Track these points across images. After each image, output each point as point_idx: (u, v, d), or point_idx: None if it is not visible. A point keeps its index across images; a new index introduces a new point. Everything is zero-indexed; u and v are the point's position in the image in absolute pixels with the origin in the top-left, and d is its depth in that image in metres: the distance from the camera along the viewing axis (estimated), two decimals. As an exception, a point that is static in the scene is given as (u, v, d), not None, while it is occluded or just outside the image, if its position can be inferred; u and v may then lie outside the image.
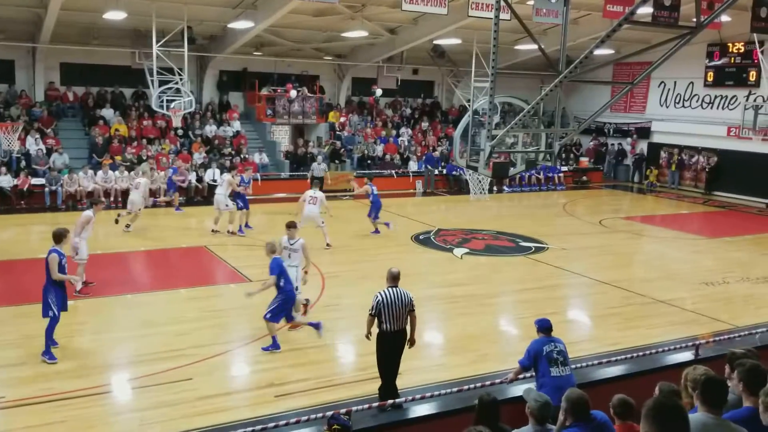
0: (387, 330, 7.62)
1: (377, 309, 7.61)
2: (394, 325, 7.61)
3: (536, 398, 5.53)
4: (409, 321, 7.80)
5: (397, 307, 7.60)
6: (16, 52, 23.49)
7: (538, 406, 5.42)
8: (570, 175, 29.13)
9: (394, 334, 7.63)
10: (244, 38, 23.06)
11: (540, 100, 9.89)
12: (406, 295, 7.72)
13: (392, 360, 7.75)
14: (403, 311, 7.65)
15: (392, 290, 7.69)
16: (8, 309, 11.06)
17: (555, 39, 19.30)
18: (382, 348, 7.72)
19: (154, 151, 23.07)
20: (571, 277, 14.25)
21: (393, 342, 7.68)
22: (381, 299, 7.59)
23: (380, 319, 7.62)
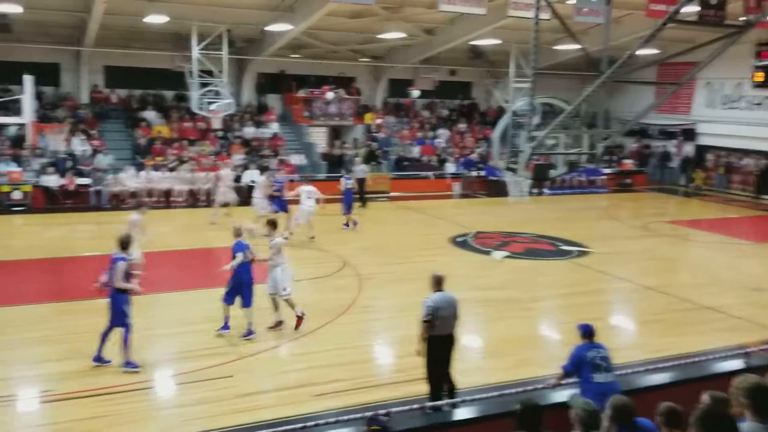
0: (438, 334, 7.52)
1: (431, 315, 7.49)
2: (445, 329, 7.52)
3: (584, 406, 5.39)
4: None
5: (448, 310, 7.51)
6: (61, 55, 24.06)
7: (587, 415, 5.29)
8: (613, 178, 28.66)
9: (446, 338, 7.55)
10: (281, 41, 23.25)
11: (582, 101, 9.75)
12: (453, 298, 7.63)
13: (443, 364, 7.66)
14: (453, 314, 7.56)
15: (440, 294, 7.61)
16: (53, 305, 11.31)
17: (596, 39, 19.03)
18: (434, 353, 7.61)
19: (194, 152, 23.38)
20: (614, 282, 14.01)
21: (444, 346, 7.59)
22: (432, 304, 7.51)
23: (433, 324, 7.52)
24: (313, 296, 12.08)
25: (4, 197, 19.67)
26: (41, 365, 8.82)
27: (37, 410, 7.83)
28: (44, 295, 11.89)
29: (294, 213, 16.55)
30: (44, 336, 9.84)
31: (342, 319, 10.95)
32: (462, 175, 26.33)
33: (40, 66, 22.45)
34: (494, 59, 28.19)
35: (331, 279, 13.35)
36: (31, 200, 19.93)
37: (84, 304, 11.34)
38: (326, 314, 11.01)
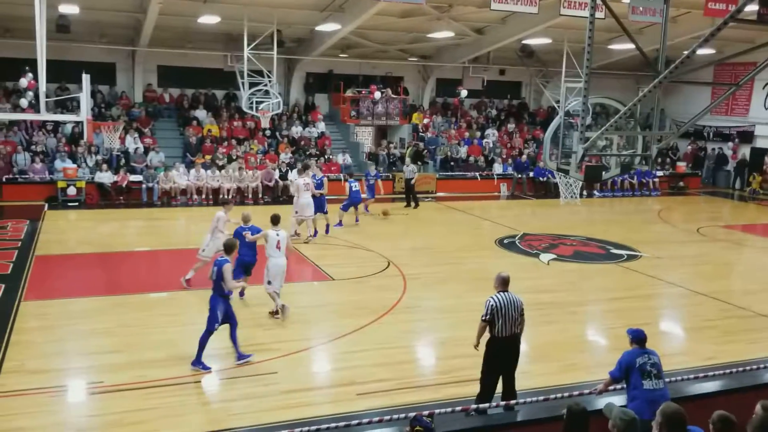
0: (499, 336, 7.43)
1: (491, 314, 7.42)
2: (507, 330, 7.42)
3: (621, 416, 5.27)
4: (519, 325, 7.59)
5: (510, 311, 7.41)
6: (117, 55, 24.71)
7: (625, 425, 5.16)
8: (666, 181, 27.99)
9: (507, 339, 7.45)
10: (330, 41, 23.38)
11: (638, 102, 9.51)
12: (517, 299, 7.52)
13: (503, 366, 7.55)
14: (515, 316, 7.45)
15: (504, 295, 7.50)
16: (107, 299, 11.59)
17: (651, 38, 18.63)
18: (492, 354, 7.51)
19: (242, 151, 23.71)
20: (666, 287, 13.66)
21: (505, 348, 7.48)
22: (494, 304, 7.40)
23: (492, 324, 7.45)
24: (358, 295, 12.11)
25: (60, 193, 20.28)
26: (93, 357, 9.04)
27: (87, 401, 8.02)
28: (97, 289, 12.20)
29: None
30: (96, 329, 10.09)
31: (386, 318, 10.94)
32: (510, 175, 26.08)
33: (97, 65, 23.11)
34: (545, 58, 27.82)
35: (376, 278, 13.35)
36: (85, 196, 20.51)
37: (136, 299, 11.64)
38: (370, 313, 11.01)
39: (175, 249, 15.33)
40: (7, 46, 21.99)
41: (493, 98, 31.09)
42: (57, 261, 14.00)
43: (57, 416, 7.43)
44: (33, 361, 8.77)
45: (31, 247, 14.75)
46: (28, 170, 20.87)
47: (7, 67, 22.55)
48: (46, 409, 7.53)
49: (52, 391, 7.98)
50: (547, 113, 30.27)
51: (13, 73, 21.42)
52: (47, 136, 22.35)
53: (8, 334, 9.63)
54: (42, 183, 20.62)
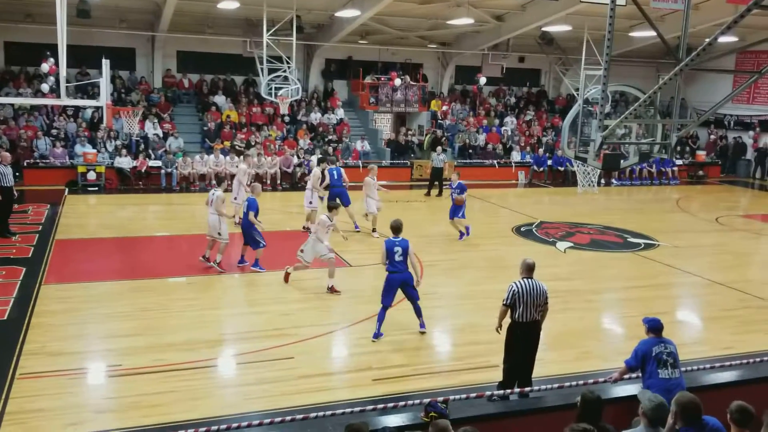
0: (520, 321, 7.45)
1: (512, 299, 7.43)
2: (528, 316, 7.43)
3: (651, 398, 5.29)
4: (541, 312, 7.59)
5: (533, 298, 7.41)
6: (136, 40, 24.83)
7: (653, 407, 5.18)
8: (685, 169, 27.72)
9: (528, 324, 7.46)
10: (350, 27, 23.33)
11: (658, 89, 9.40)
12: (541, 286, 7.51)
13: (523, 352, 7.57)
14: (538, 302, 7.45)
15: (527, 281, 7.50)
16: (126, 283, 11.73)
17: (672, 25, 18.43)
18: (513, 338, 7.54)
19: (261, 137, 23.79)
20: (683, 276, 13.56)
21: (526, 333, 7.49)
22: (516, 289, 7.42)
23: (513, 309, 7.47)
24: (375, 282, 12.10)
25: (80, 177, 20.48)
26: (112, 340, 9.17)
27: (106, 383, 8.15)
28: (116, 273, 12.34)
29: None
30: (115, 312, 10.22)
31: (402, 305, 10.93)
32: (528, 163, 25.95)
33: (117, 50, 23.28)
34: (565, 46, 27.57)
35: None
36: (105, 181, 20.71)
37: (154, 283, 11.77)
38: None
39: (193, 234, 15.43)
40: (28, 31, 22.19)
41: (512, 86, 30.89)
42: (77, 245, 14.18)
43: (76, 398, 7.56)
44: (53, 343, 8.92)
45: (51, 231, 14.95)
46: (49, 155, 21.10)
47: (28, 53, 22.81)
48: (65, 391, 7.65)
49: (72, 374, 8.10)
50: (566, 101, 30.03)
51: (35, 58, 21.69)
52: (67, 121, 22.57)
53: (29, 316, 9.79)
54: (62, 168, 20.85)
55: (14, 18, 22.24)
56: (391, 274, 9.59)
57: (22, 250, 13.30)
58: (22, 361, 8.29)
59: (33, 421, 6.94)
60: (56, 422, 6.93)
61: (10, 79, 23.02)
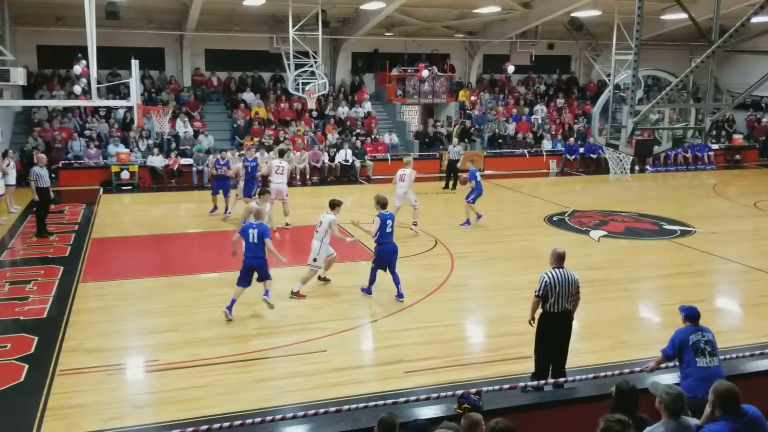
0: (552, 311, 7.37)
1: (544, 290, 7.35)
2: (559, 306, 7.35)
3: (667, 390, 5.18)
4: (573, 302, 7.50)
5: (565, 288, 7.33)
6: (165, 40, 25.13)
7: (671, 399, 5.08)
8: (721, 154, 27.19)
9: (559, 315, 7.38)
10: (375, 19, 23.27)
11: (690, 73, 9.21)
12: (573, 276, 7.42)
13: (555, 342, 7.50)
14: (569, 292, 7.36)
15: (559, 271, 7.41)
16: (161, 279, 11.90)
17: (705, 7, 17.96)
18: (545, 328, 7.47)
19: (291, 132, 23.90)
20: (721, 263, 13.30)
21: (557, 323, 7.42)
22: (548, 280, 7.33)
23: (545, 300, 7.39)
24: (406, 274, 12.08)
25: (114, 177, 20.81)
26: (148, 336, 9.32)
27: (143, 379, 8.29)
28: (151, 270, 12.51)
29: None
30: (151, 308, 10.38)
31: (434, 297, 10.95)
32: (559, 152, 25.66)
33: (146, 51, 23.58)
34: (595, 31, 27.14)
35: (423, 257, 13.35)
36: (138, 180, 21.01)
37: (188, 279, 11.93)
38: (418, 292, 11.04)
39: (225, 230, 15.58)
40: (59, 34, 22.60)
41: (542, 73, 30.56)
42: (112, 243, 14.41)
43: (115, 393, 7.69)
44: (92, 340, 9.08)
45: (87, 230, 15.22)
46: (83, 156, 21.48)
47: (60, 55, 23.25)
48: (104, 387, 7.79)
49: (110, 369, 8.25)
50: (597, 87, 29.61)
51: (67, 60, 22.09)
52: (100, 122, 22.95)
53: (68, 314, 9.99)
54: (96, 168, 21.21)
55: (45, 22, 22.67)
56: (384, 245, 10.66)
57: (59, 250, 13.57)
58: (61, 358, 8.46)
59: (73, 416, 7.07)
60: (96, 417, 7.05)
61: (43, 81, 23.47)
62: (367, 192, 21.33)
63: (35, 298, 10.65)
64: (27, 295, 10.82)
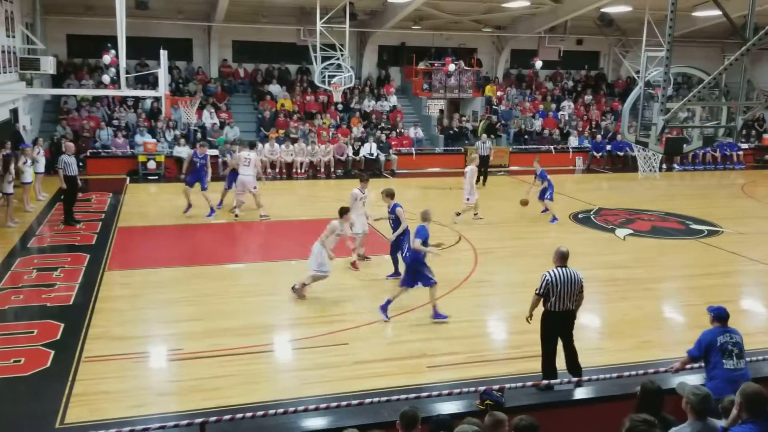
0: (553, 310, 7.32)
1: (545, 289, 7.30)
2: (561, 305, 7.30)
3: (694, 391, 5.13)
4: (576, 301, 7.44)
5: (567, 287, 7.26)
6: (193, 31, 25.29)
7: (698, 400, 5.03)
8: (751, 154, 26.72)
9: (561, 314, 7.33)
10: (403, 12, 23.19)
11: (723, 71, 9.05)
12: (576, 275, 7.35)
13: (558, 340, 7.47)
14: (572, 291, 7.30)
15: (561, 270, 7.35)
16: (185, 269, 12.00)
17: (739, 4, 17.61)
18: (547, 328, 7.44)
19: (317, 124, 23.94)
20: (749, 264, 13.09)
21: (559, 322, 7.37)
22: (550, 279, 7.29)
23: (547, 298, 7.35)
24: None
25: (141, 167, 21.02)
26: (173, 325, 9.40)
27: (167, 367, 8.36)
28: (176, 260, 12.63)
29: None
30: (176, 298, 10.48)
31: (457, 292, 10.92)
32: (586, 149, 25.40)
33: (174, 41, 23.74)
34: (625, 27, 26.83)
35: (447, 252, 13.28)
36: (165, 170, 21.18)
37: (213, 269, 12.01)
38: (442, 287, 10.91)
39: (249, 221, 15.69)
40: (89, 24, 22.84)
41: (570, 69, 30.26)
42: (138, 232, 14.56)
43: (140, 381, 7.78)
44: (117, 328, 9.19)
45: (114, 219, 15.39)
46: (111, 145, 21.71)
47: (90, 45, 23.51)
48: (129, 374, 7.89)
49: (135, 357, 8.34)
50: (626, 84, 29.26)
51: (96, 50, 22.34)
52: (128, 112, 23.17)
53: (94, 301, 10.12)
54: (123, 157, 21.42)
55: (76, 11, 22.93)
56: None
57: (86, 238, 13.74)
58: (87, 345, 8.57)
59: (99, 402, 7.16)
60: (121, 404, 7.14)
61: (72, 71, 23.74)
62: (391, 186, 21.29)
63: (62, 285, 10.80)
64: (54, 282, 10.97)
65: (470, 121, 26.31)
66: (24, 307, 9.92)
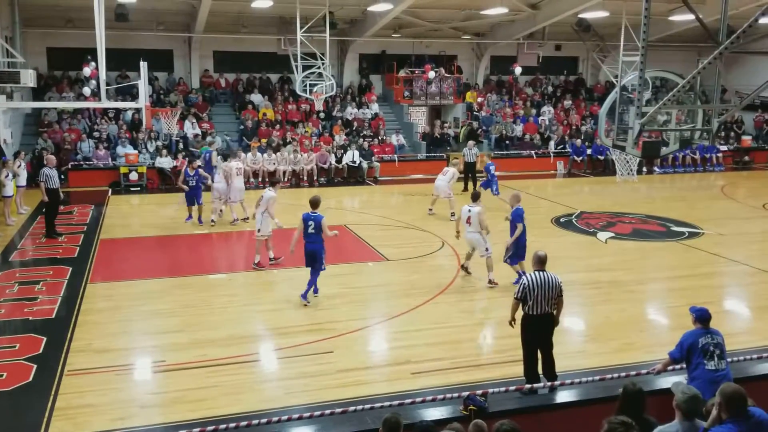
0: (531, 314, 7.38)
1: (523, 293, 7.36)
2: (539, 309, 7.34)
3: (684, 390, 5.20)
4: (555, 305, 7.50)
5: (544, 291, 7.31)
6: (174, 42, 25.25)
7: (686, 399, 5.09)
8: (730, 155, 27.08)
9: (539, 318, 7.37)
10: (383, 21, 23.31)
11: (697, 74, 9.19)
12: (554, 279, 7.39)
13: (537, 344, 7.51)
14: (550, 295, 7.35)
15: (539, 274, 7.40)
16: (168, 280, 11.94)
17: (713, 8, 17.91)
18: (526, 332, 7.49)
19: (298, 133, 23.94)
20: (729, 265, 13.25)
21: (538, 326, 7.42)
22: (527, 283, 7.34)
23: (525, 302, 7.40)
24: (412, 275, 12.15)
25: (123, 178, 20.90)
26: (156, 337, 9.35)
27: (151, 379, 8.32)
28: (159, 271, 12.56)
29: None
30: (159, 309, 10.42)
31: (440, 298, 10.96)
32: (566, 153, 25.61)
33: (155, 53, 23.71)
34: (603, 32, 27.09)
35: (430, 258, 13.37)
36: (147, 181, 21.09)
37: (196, 280, 11.97)
38: (424, 293, 11.05)
39: (232, 231, 15.66)
40: (69, 36, 22.73)
41: (549, 74, 30.53)
42: (121, 244, 14.48)
43: (123, 393, 7.73)
44: (99, 340, 9.13)
45: (96, 231, 15.29)
46: (92, 157, 21.57)
47: (70, 57, 23.37)
48: (112, 387, 7.83)
49: (118, 370, 8.29)
50: (605, 88, 29.55)
51: (76, 62, 22.20)
52: (109, 123, 23.04)
53: (76, 314, 10.05)
54: (105, 169, 21.29)
55: (55, 24, 22.81)
56: (305, 245, 10.59)
57: (68, 250, 13.65)
58: (70, 358, 8.51)
59: (81, 416, 7.11)
60: (104, 417, 7.09)
61: (53, 83, 23.59)
62: (374, 193, 21.41)
63: (44, 299, 10.72)
64: (36, 295, 10.89)
65: (452, 128, 26.42)
66: (6, 321, 9.83)
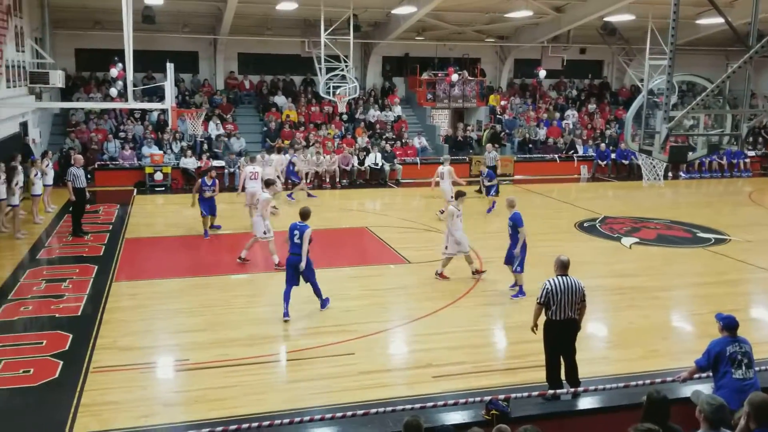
0: (554, 319, 7.33)
1: (545, 298, 7.31)
2: (562, 314, 7.29)
3: (709, 401, 5.10)
4: (578, 310, 7.44)
5: (567, 296, 7.26)
6: (199, 44, 25.48)
7: (712, 410, 5.00)
8: (758, 161, 26.64)
9: (562, 323, 7.32)
10: (406, 23, 23.31)
11: (726, 78, 9.06)
12: (577, 284, 7.34)
13: (561, 349, 7.46)
14: (573, 301, 7.30)
15: (562, 279, 7.35)
16: (192, 280, 12.05)
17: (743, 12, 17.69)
18: (549, 337, 7.44)
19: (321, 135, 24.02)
20: (756, 272, 13.05)
21: (561, 332, 7.36)
22: (550, 288, 7.30)
23: (548, 308, 7.35)
24: (434, 279, 12.11)
25: (148, 178, 21.12)
26: (179, 335, 9.45)
27: (173, 377, 8.40)
28: (183, 270, 12.67)
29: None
30: (182, 308, 10.52)
31: (462, 302, 10.93)
32: (591, 157, 25.40)
33: (181, 54, 23.99)
34: (628, 36, 26.83)
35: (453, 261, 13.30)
36: (171, 181, 21.29)
37: (218, 280, 12.05)
38: (446, 297, 11.03)
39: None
40: (97, 38, 23.06)
41: (573, 78, 30.32)
42: (145, 243, 14.64)
43: (147, 391, 7.80)
44: (124, 338, 9.23)
45: (121, 231, 15.48)
46: (118, 157, 21.83)
47: (97, 59, 23.69)
48: (136, 384, 7.92)
49: (142, 367, 8.38)
50: (630, 92, 29.29)
51: (104, 63, 22.50)
52: (135, 124, 23.31)
53: (101, 312, 10.18)
54: (131, 169, 21.54)
55: (84, 26, 23.14)
56: (288, 256, 10.15)
57: (94, 249, 13.82)
58: (95, 356, 8.61)
59: (106, 413, 7.19)
60: (128, 414, 7.17)
61: (81, 84, 23.94)
62: (396, 195, 21.41)
63: (70, 296, 10.87)
64: (62, 293, 11.04)
65: (474, 131, 26.34)
66: (33, 318, 9.99)
